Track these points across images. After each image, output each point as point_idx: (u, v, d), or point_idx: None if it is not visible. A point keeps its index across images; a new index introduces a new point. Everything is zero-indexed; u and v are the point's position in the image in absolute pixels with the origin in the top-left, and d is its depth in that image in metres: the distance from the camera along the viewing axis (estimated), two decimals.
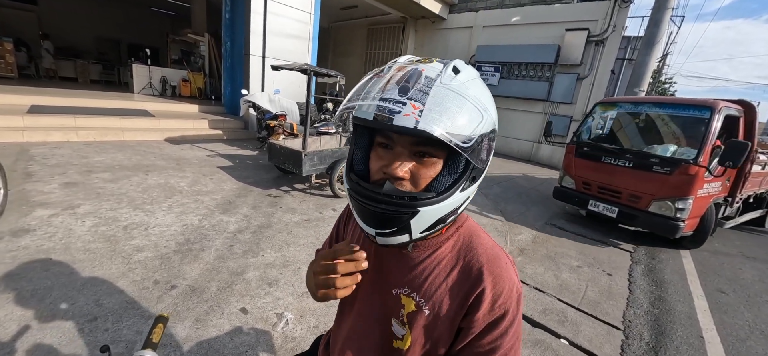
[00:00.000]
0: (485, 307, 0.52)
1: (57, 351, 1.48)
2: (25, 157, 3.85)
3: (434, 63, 0.49)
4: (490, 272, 0.54)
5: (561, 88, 8.58)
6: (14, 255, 2.09)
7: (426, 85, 0.45)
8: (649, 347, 2.14)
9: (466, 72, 0.49)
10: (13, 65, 8.33)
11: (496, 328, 0.53)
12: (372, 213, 0.49)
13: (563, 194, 4.40)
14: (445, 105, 0.44)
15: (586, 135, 4.36)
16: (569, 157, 4.35)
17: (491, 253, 0.56)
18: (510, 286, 0.53)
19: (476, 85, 0.50)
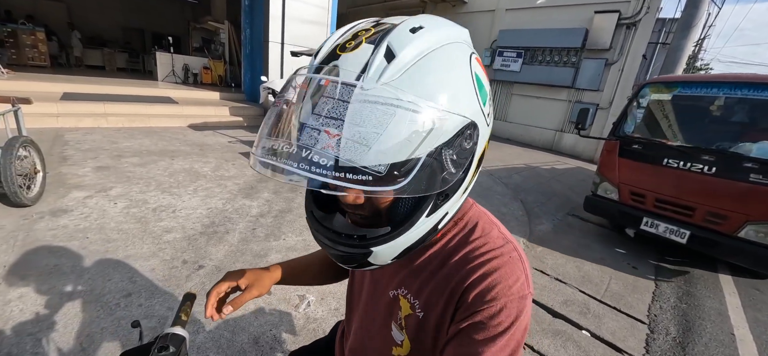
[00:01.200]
0: (471, 302, 0.43)
1: (95, 324, 1.57)
2: (61, 142, 4.06)
3: (363, 45, 0.36)
4: (485, 263, 0.45)
5: (587, 74, 8.19)
6: (54, 233, 2.22)
7: (341, 101, 0.34)
8: (676, 342, 2.07)
9: (408, 49, 0.35)
10: (46, 54, 8.73)
11: (482, 331, 0.42)
12: (328, 250, 0.45)
13: (600, 207, 3.31)
14: (365, 126, 0.33)
15: (631, 126, 3.27)
16: (609, 157, 3.25)
17: (492, 243, 0.47)
18: (508, 282, 0.43)
19: (423, 70, 0.36)
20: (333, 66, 0.37)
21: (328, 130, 0.34)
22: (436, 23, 0.40)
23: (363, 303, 0.63)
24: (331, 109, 0.34)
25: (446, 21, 0.42)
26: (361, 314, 0.63)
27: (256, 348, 1.57)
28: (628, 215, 3.10)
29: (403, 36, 0.36)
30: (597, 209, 3.39)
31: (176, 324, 0.59)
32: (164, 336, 0.55)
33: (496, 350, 0.42)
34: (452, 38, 0.40)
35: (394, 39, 0.36)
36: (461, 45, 0.41)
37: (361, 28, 0.40)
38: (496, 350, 0.42)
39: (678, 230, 2.80)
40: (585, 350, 1.89)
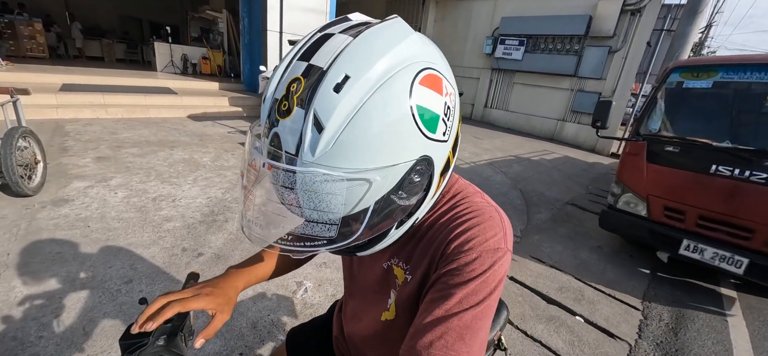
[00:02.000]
0: (450, 253, 0.47)
1: (97, 308, 1.61)
2: (61, 133, 4.08)
3: (295, 111, 0.38)
4: (465, 221, 0.48)
5: (590, 62, 8.09)
6: (56, 222, 2.25)
7: (287, 179, 0.39)
8: (668, 328, 2.09)
9: (335, 116, 0.36)
10: (44, 45, 8.69)
11: (456, 275, 0.45)
12: None
13: (622, 224, 2.67)
14: (313, 198, 0.39)
15: (657, 123, 2.63)
16: (634, 161, 2.61)
17: (473, 206, 0.51)
18: (486, 236, 0.46)
19: (356, 133, 0.37)
20: (275, 135, 0.40)
21: (284, 207, 0.41)
22: (365, 60, 0.37)
23: (360, 276, 0.65)
24: (283, 188, 0.40)
25: (379, 41, 0.39)
26: (359, 286, 0.66)
27: (254, 332, 1.61)
28: (661, 236, 2.44)
29: (327, 101, 0.36)
30: (618, 227, 2.72)
31: None
32: None
33: (469, 292, 0.44)
34: (383, 72, 0.38)
35: (319, 105, 0.36)
36: (397, 76, 0.38)
37: (294, 77, 0.39)
38: (469, 292, 0.44)
39: (732, 257, 2.19)
40: (578, 335, 1.92)
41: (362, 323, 0.66)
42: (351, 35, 0.40)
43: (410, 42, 0.41)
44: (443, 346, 0.42)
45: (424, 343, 0.43)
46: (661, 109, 2.68)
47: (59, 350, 1.39)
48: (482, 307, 0.44)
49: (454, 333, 0.43)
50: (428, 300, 0.47)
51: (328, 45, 0.40)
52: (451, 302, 0.44)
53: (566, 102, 8.77)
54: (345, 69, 0.37)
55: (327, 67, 0.38)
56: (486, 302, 0.44)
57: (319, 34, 0.43)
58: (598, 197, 4.55)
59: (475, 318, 0.43)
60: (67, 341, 1.43)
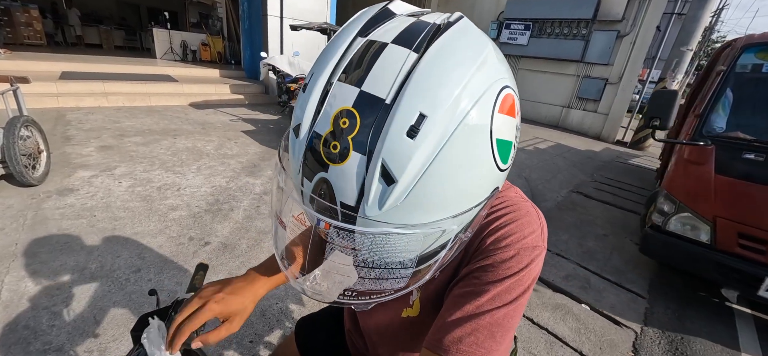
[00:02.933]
0: (485, 248, 0.44)
1: (107, 298, 1.62)
2: (63, 122, 4.06)
3: (351, 155, 0.31)
4: (501, 216, 0.45)
5: (598, 47, 7.90)
6: (62, 212, 2.26)
7: (348, 238, 0.34)
8: (675, 315, 2.10)
9: (410, 167, 0.30)
10: (41, 33, 8.57)
11: (491, 271, 0.42)
12: None
13: (675, 252, 2.09)
14: (383, 256, 0.36)
15: (722, 120, 2.09)
16: (695, 171, 2.06)
17: (511, 201, 0.48)
18: (523, 233, 0.44)
19: (434, 180, 0.32)
20: (322, 180, 0.33)
21: (350, 266, 0.37)
22: (442, 90, 0.30)
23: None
24: (345, 247, 0.36)
25: (455, 61, 0.32)
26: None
27: (263, 321, 1.62)
28: (733, 271, 1.90)
29: (400, 148, 0.30)
30: (668, 255, 2.15)
31: (190, 291, 0.62)
32: (180, 300, 0.58)
33: (503, 290, 0.42)
34: (466, 105, 0.31)
35: (389, 154, 0.30)
36: (478, 107, 0.32)
37: (342, 108, 0.32)
38: (503, 290, 0.42)
39: None
40: (584, 323, 1.93)
41: (380, 317, 0.64)
42: (411, 48, 0.32)
43: (488, 55, 0.34)
44: (473, 343, 0.40)
45: (452, 338, 0.41)
46: (727, 101, 2.09)
47: (71, 338, 1.40)
48: (514, 306, 0.42)
49: (485, 330, 0.41)
50: (457, 294, 0.45)
51: (385, 62, 0.32)
52: (484, 298, 0.42)
53: (572, 88, 8.62)
54: (419, 106, 0.30)
55: (391, 101, 0.30)
56: (519, 300, 0.42)
57: (361, 39, 0.35)
58: (604, 184, 4.52)
59: (507, 316, 0.42)
60: (78, 329, 1.45)
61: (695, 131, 2.12)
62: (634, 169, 5.68)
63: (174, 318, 0.51)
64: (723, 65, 2.21)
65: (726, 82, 2.12)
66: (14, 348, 1.34)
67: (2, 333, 1.39)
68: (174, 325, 0.50)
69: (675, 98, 1.94)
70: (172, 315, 0.57)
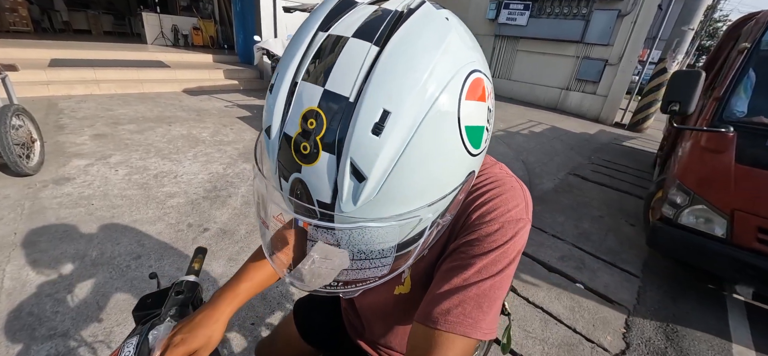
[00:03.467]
0: (471, 223, 0.46)
1: (109, 284, 1.64)
2: (55, 111, 3.99)
3: (321, 156, 0.31)
4: (487, 191, 0.47)
5: (598, 26, 7.77)
6: (59, 201, 2.25)
7: (327, 233, 0.35)
8: (667, 295, 2.15)
9: (378, 164, 0.30)
10: (27, 19, 8.31)
11: (477, 245, 0.44)
12: None
13: (686, 246, 1.96)
14: (362, 247, 0.37)
15: (744, 103, 1.92)
16: (713, 160, 1.91)
17: (495, 177, 0.49)
18: (508, 207, 0.45)
19: (404, 173, 0.32)
20: (297, 181, 0.34)
21: (328, 257, 0.38)
22: (405, 84, 0.30)
23: None
24: (326, 242, 0.37)
25: (417, 51, 0.31)
26: None
27: (263, 303, 1.65)
28: (749, 267, 1.77)
29: (366, 146, 0.30)
30: (679, 249, 2.00)
31: (190, 273, 0.63)
32: (180, 282, 0.59)
33: (489, 262, 0.43)
34: (429, 97, 0.31)
35: (357, 152, 0.30)
36: (443, 97, 0.32)
37: (309, 108, 0.31)
38: (489, 262, 0.43)
39: None
40: (578, 301, 1.98)
41: (374, 296, 0.65)
42: (372, 41, 0.31)
43: (451, 40, 0.33)
44: (461, 314, 0.42)
45: (441, 310, 0.43)
46: (749, 82, 1.89)
47: (76, 323, 1.43)
48: (500, 277, 0.44)
49: (472, 301, 0.42)
50: (446, 268, 0.46)
51: (346, 58, 0.31)
52: (470, 271, 0.43)
53: (571, 69, 8.53)
54: (382, 102, 0.30)
55: (355, 98, 0.30)
56: (505, 272, 0.44)
57: (322, 34, 0.34)
58: (600, 167, 4.54)
59: (493, 287, 0.43)
60: (82, 315, 1.47)
61: (714, 116, 1.92)
62: (632, 151, 5.70)
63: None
64: (746, 42, 2.03)
65: (749, 61, 1.91)
66: (20, 334, 1.36)
67: (7, 320, 1.41)
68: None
69: (698, 79, 1.75)
70: (172, 296, 0.58)
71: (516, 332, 1.71)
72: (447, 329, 0.42)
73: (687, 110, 1.77)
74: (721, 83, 2.04)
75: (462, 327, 0.42)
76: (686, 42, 6.30)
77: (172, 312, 0.56)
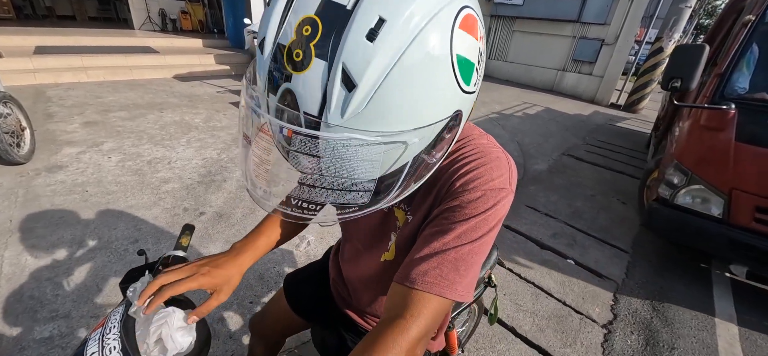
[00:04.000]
0: (453, 191, 0.46)
1: (107, 267, 1.66)
2: (43, 99, 3.91)
3: (313, 61, 0.32)
4: (471, 161, 0.47)
5: (595, 5, 7.67)
6: (53, 188, 2.24)
7: (311, 143, 0.34)
8: (655, 269, 2.21)
9: (369, 71, 0.31)
10: (8, 5, 8.02)
11: (458, 211, 0.45)
12: None
13: (683, 226, 1.94)
14: (343, 165, 0.35)
15: (746, 79, 1.86)
16: (712, 138, 1.87)
17: (481, 148, 0.49)
18: (491, 175, 0.46)
19: (394, 88, 0.32)
20: (286, 91, 0.34)
21: (309, 177, 0.36)
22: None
23: (360, 221, 0.65)
24: (303, 156, 0.35)
25: None
26: (358, 229, 0.67)
27: (261, 283, 1.68)
28: (745, 247, 1.77)
29: (359, 52, 0.30)
30: (675, 230, 1.98)
31: (177, 249, 0.64)
32: (167, 257, 0.60)
33: (468, 228, 0.45)
34: (424, 14, 0.32)
35: (349, 57, 0.30)
36: (437, 19, 0.33)
37: (305, 16, 0.32)
38: (468, 228, 0.45)
39: None
40: (569, 276, 2.04)
41: (361, 265, 0.68)
42: None
43: None
44: (438, 276, 0.44)
45: (419, 271, 0.44)
46: (752, 57, 1.82)
47: (77, 305, 1.45)
48: (479, 243, 0.45)
49: (449, 264, 0.44)
50: (427, 233, 0.48)
51: None
52: (450, 236, 0.45)
53: (567, 50, 8.46)
54: (378, 9, 0.30)
55: (352, 5, 0.31)
56: (484, 239, 0.45)
57: None
58: (595, 147, 4.58)
59: (471, 252, 0.45)
60: (82, 297, 1.49)
61: (715, 93, 1.86)
62: (626, 132, 5.73)
63: (159, 275, 0.51)
64: (750, 15, 1.97)
65: (753, 35, 1.84)
66: (22, 317, 1.38)
67: (9, 303, 1.43)
68: (156, 284, 0.49)
69: (701, 54, 1.69)
70: (159, 270, 0.59)
71: (507, 305, 1.76)
72: (424, 289, 0.43)
73: (689, 86, 1.72)
74: (723, 59, 1.97)
75: (438, 287, 0.43)
76: (683, 20, 6.25)
77: None
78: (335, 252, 0.82)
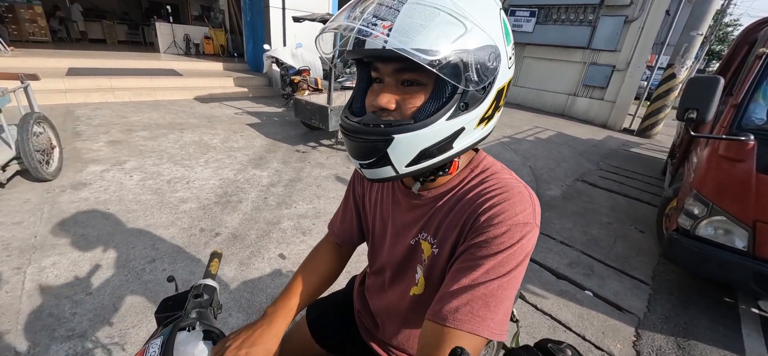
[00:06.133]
0: (479, 226, 0.48)
1: (125, 287, 1.69)
2: (72, 118, 4.12)
3: None
4: (495, 196, 0.49)
5: (605, 32, 7.75)
6: (77, 205, 2.33)
7: (398, 1, 0.41)
8: (678, 303, 2.12)
9: None
10: (46, 29, 8.63)
11: (485, 247, 0.46)
12: (352, 144, 0.49)
13: (706, 258, 1.87)
14: (414, 20, 0.39)
15: (763, 111, 1.85)
16: (732, 169, 1.84)
17: (503, 182, 0.51)
18: (515, 210, 0.47)
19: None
20: None
21: (384, 22, 0.40)
22: None
23: (385, 255, 0.67)
24: (390, 5, 0.41)
25: None
26: (384, 263, 0.67)
27: None
28: None
29: None
30: (697, 261, 1.91)
31: (207, 277, 0.66)
32: (198, 286, 0.62)
33: (496, 263, 0.45)
34: None
35: None
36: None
37: None
38: (496, 263, 0.45)
39: None
40: (587, 309, 1.96)
41: (389, 298, 0.68)
42: None
43: None
44: (469, 312, 0.44)
45: (450, 308, 0.45)
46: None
47: (93, 325, 1.47)
48: (508, 278, 0.45)
49: (480, 300, 0.44)
50: (455, 269, 0.48)
51: None
52: (479, 272, 0.45)
53: (578, 76, 8.50)
54: None
55: None
56: (513, 273, 0.46)
57: None
58: (609, 173, 4.50)
59: (500, 287, 0.45)
60: (99, 317, 1.51)
61: (733, 123, 1.87)
62: (640, 157, 5.64)
63: None
64: (764, 47, 2.03)
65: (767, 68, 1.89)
66: (40, 335, 1.41)
67: (28, 320, 1.46)
68: None
69: (716, 86, 1.69)
70: (192, 299, 0.61)
71: (524, 339, 1.70)
72: (455, 326, 0.44)
73: (705, 118, 1.71)
74: (738, 89, 2.00)
75: (470, 324, 0.44)
76: (695, 47, 6.24)
77: (193, 314, 0.59)
78: (360, 283, 0.82)
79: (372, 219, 0.70)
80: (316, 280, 0.73)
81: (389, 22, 0.39)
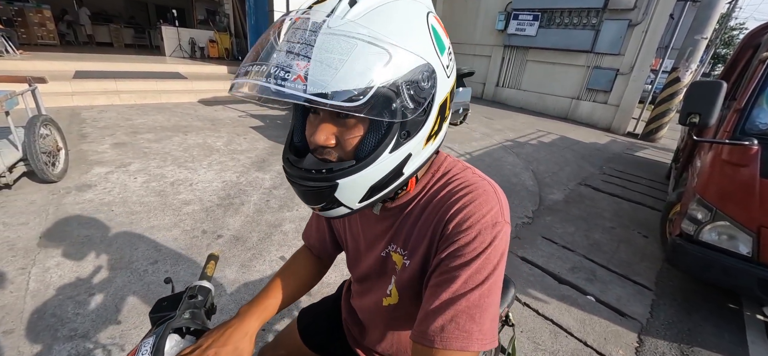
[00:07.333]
0: (449, 234, 0.46)
1: (127, 288, 1.71)
2: (78, 120, 4.18)
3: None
4: (461, 198, 0.48)
5: (608, 36, 7.73)
6: (82, 207, 2.35)
7: (311, 33, 0.37)
8: (681, 309, 2.09)
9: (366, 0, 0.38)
10: (54, 33, 8.77)
11: (458, 257, 0.45)
12: (298, 191, 0.47)
13: (709, 264, 1.86)
14: (331, 55, 0.35)
15: (765, 116, 1.86)
16: (735, 174, 1.85)
17: (466, 181, 0.50)
18: (482, 212, 0.46)
19: (383, 15, 0.38)
20: (306, 9, 0.41)
21: (297, 62, 0.36)
22: None
23: (362, 266, 0.67)
24: (301, 40, 0.37)
25: None
26: (360, 274, 0.68)
27: None
28: None
29: None
30: (701, 267, 1.90)
31: (203, 279, 0.66)
32: (193, 287, 0.63)
33: (472, 272, 0.44)
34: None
35: None
36: (418, 3, 0.43)
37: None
38: (472, 272, 0.44)
39: None
40: (589, 314, 1.95)
41: (366, 306, 0.69)
42: None
43: None
44: (455, 328, 0.43)
45: (435, 328, 0.44)
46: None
47: (95, 325, 1.49)
48: (488, 284, 0.44)
49: (464, 314, 0.43)
50: (433, 284, 0.47)
51: None
52: (457, 284, 0.44)
53: (581, 79, 8.47)
54: None
55: None
56: (491, 279, 0.44)
57: None
58: (612, 177, 4.47)
59: (482, 296, 0.44)
60: (101, 317, 1.53)
61: (736, 128, 1.88)
62: (644, 162, 5.59)
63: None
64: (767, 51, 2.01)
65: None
66: (43, 334, 1.42)
67: (32, 320, 1.48)
68: None
69: (719, 90, 1.68)
70: (186, 300, 0.62)
71: (524, 344, 1.69)
72: (444, 346, 0.43)
73: (708, 122, 1.71)
74: (742, 94, 1.99)
75: (458, 341, 0.43)
76: (699, 51, 6.20)
77: (186, 314, 0.60)
78: (347, 289, 0.83)
79: (344, 232, 0.70)
80: (294, 284, 0.72)
81: (305, 62, 0.36)
